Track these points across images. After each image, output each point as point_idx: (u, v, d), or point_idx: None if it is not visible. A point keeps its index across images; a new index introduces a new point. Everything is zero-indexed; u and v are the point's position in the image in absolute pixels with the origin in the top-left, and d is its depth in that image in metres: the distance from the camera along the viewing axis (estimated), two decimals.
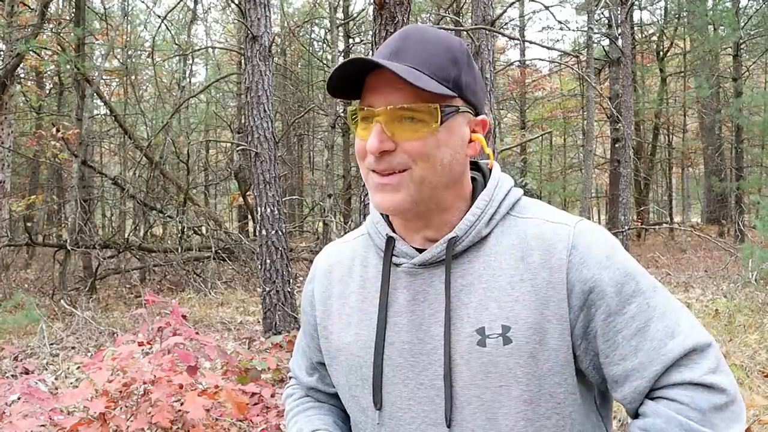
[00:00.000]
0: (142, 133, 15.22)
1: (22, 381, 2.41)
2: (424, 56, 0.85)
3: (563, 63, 14.30)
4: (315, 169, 22.32)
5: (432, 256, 0.90)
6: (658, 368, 0.85)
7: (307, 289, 1.08)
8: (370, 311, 0.95)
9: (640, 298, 0.86)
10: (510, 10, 19.88)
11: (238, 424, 3.23)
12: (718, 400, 0.83)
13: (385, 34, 4.43)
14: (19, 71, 11.52)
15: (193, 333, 2.83)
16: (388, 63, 0.83)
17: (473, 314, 0.87)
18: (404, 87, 0.84)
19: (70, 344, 6.10)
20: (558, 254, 0.86)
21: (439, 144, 0.86)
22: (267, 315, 6.09)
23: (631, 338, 0.86)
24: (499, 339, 0.86)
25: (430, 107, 0.84)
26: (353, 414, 0.99)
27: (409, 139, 0.85)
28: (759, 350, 5.46)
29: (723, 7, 16.82)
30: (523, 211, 0.93)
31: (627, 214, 15.07)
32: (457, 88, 0.87)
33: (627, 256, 0.90)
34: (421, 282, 0.91)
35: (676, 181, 28.10)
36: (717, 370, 0.85)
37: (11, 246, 10.55)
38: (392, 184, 0.86)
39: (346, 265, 1.02)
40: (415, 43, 0.86)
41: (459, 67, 0.87)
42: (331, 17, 11.56)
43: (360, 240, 1.03)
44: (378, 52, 0.88)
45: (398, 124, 0.85)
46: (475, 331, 0.87)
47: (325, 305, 1.02)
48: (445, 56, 0.86)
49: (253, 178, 6.20)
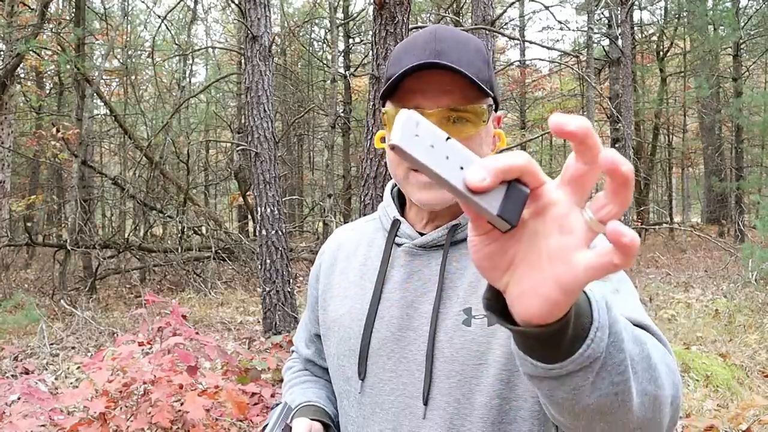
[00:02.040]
0: (142, 133, 15.22)
1: (22, 381, 2.41)
2: (465, 59, 0.88)
3: (563, 63, 14.30)
4: (315, 169, 22.31)
5: (433, 239, 0.95)
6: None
7: (315, 264, 1.14)
8: (367, 286, 1.00)
9: (609, 284, 0.82)
10: (510, 10, 19.89)
11: (238, 424, 3.23)
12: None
13: (385, 34, 4.43)
14: (19, 71, 11.52)
15: (193, 333, 2.83)
16: (453, 65, 0.85)
17: (462, 296, 0.90)
18: (454, 89, 0.88)
19: (70, 344, 6.10)
20: None
21: (481, 143, 0.91)
22: (267, 315, 6.09)
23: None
24: (484, 320, 0.88)
25: (476, 108, 0.89)
26: (338, 384, 1.02)
27: (459, 139, 0.86)
28: (759, 350, 5.46)
29: (723, 7, 16.81)
30: None
31: (627, 214, 15.08)
32: (491, 88, 0.91)
33: None
34: (419, 262, 0.96)
35: (676, 181, 28.10)
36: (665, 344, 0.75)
37: (11, 246, 10.55)
38: None
39: (354, 244, 1.08)
40: (453, 45, 0.89)
41: (489, 67, 0.92)
42: (331, 17, 11.54)
43: (371, 223, 1.09)
44: (412, 52, 0.89)
45: (448, 125, 0.88)
46: (462, 310, 0.90)
47: (327, 279, 1.08)
48: (479, 57, 0.90)
49: (253, 178, 6.20)
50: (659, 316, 7.04)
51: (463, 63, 0.87)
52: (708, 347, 5.55)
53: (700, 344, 5.67)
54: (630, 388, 0.60)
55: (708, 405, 4.14)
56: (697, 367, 4.79)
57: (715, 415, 3.90)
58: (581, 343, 0.56)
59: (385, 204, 1.04)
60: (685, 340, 5.80)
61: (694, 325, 6.51)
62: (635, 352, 0.62)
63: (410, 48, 0.90)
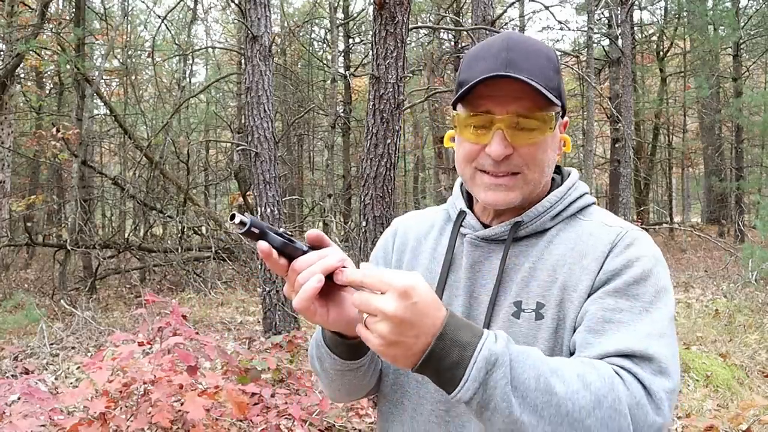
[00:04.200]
0: (142, 133, 15.22)
1: (22, 381, 2.41)
2: (535, 68, 0.93)
3: (563, 63, 14.28)
4: (315, 169, 22.30)
5: (495, 233, 1.00)
6: (611, 349, 0.83)
7: (386, 237, 1.18)
8: (435, 270, 1.06)
9: (638, 302, 0.88)
10: (510, 10, 19.85)
11: (238, 424, 3.23)
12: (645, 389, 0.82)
13: (385, 34, 4.42)
14: (19, 71, 11.52)
15: (193, 333, 2.82)
16: (522, 76, 0.90)
17: (515, 289, 0.97)
18: (523, 96, 0.92)
19: (70, 344, 6.09)
20: (602, 247, 0.94)
21: (547, 148, 0.97)
22: (267, 315, 6.09)
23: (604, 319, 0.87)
24: (532, 314, 0.94)
25: (545, 115, 0.94)
26: None
27: (526, 145, 0.94)
28: (759, 350, 5.46)
29: (723, 7, 16.81)
30: (589, 215, 1.02)
31: (627, 214, 15.06)
32: (560, 96, 0.96)
33: (663, 276, 0.92)
34: (480, 254, 1.02)
35: (676, 181, 28.10)
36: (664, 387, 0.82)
37: (11, 246, 10.56)
38: (507, 185, 0.96)
39: (424, 229, 1.14)
40: (524, 54, 0.94)
41: (559, 75, 0.97)
42: (331, 17, 11.55)
43: (441, 213, 1.15)
44: (484, 61, 0.94)
45: (516, 130, 0.93)
46: (513, 303, 0.96)
47: (399, 255, 1.14)
48: (550, 66, 0.95)
49: (253, 178, 6.20)
50: None
51: (534, 72, 0.92)
52: (708, 347, 5.55)
53: (700, 344, 5.66)
54: (523, 426, 0.75)
55: (708, 405, 4.14)
56: (697, 367, 4.79)
57: (715, 415, 3.90)
58: (453, 389, 0.76)
59: (454, 197, 1.11)
60: (685, 340, 5.80)
61: (694, 325, 6.51)
62: (541, 400, 0.75)
63: (483, 54, 0.95)
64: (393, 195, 4.60)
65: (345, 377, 1.00)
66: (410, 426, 1.03)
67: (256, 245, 0.79)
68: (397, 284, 0.72)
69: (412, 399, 1.03)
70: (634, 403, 0.78)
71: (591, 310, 0.88)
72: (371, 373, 1.04)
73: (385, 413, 1.08)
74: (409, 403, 1.03)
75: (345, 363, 0.96)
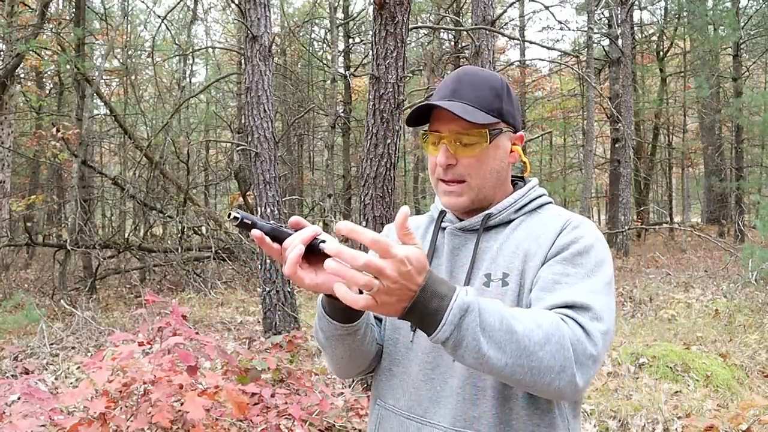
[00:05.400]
0: (142, 133, 15.20)
1: (22, 381, 2.41)
2: (474, 95, 1.18)
3: (563, 63, 14.29)
4: (315, 169, 22.30)
5: (470, 224, 1.22)
6: (558, 302, 1.03)
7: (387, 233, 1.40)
8: None
9: (582, 269, 1.09)
10: (510, 10, 19.87)
11: (238, 424, 3.23)
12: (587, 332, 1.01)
13: (385, 34, 4.42)
14: (19, 71, 11.53)
15: (193, 333, 2.82)
16: (448, 104, 1.15)
17: (486, 265, 1.18)
18: (460, 118, 1.14)
19: (70, 344, 6.10)
20: (555, 229, 1.16)
21: (487, 159, 1.18)
22: (267, 315, 6.09)
23: (553, 281, 1.08)
24: (499, 282, 1.15)
25: (480, 131, 1.16)
26: (388, 331, 1.26)
27: (466, 156, 1.17)
28: (759, 350, 5.45)
29: (723, 7, 16.80)
30: (546, 210, 1.24)
31: (627, 214, 15.07)
32: (500, 116, 1.19)
33: (602, 250, 1.13)
34: (458, 241, 1.24)
35: (676, 181, 28.11)
36: (599, 329, 1.01)
37: (11, 246, 10.56)
38: (456, 191, 1.20)
39: (412, 228, 1.27)
40: (470, 85, 1.19)
41: (501, 99, 1.19)
42: (331, 17, 11.55)
43: (425, 217, 1.37)
44: (440, 91, 1.21)
45: (458, 145, 1.17)
46: (484, 275, 1.17)
47: None
48: (491, 93, 1.19)
49: (253, 178, 6.20)
50: (659, 316, 7.05)
51: (472, 99, 1.17)
52: (708, 347, 5.55)
53: (700, 344, 5.66)
54: (489, 360, 0.92)
55: (708, 405, 4.14)
56: (697, 367, 4.79)
57: (715, 415, 3.90)
58: (433, 329, 0.91)
59: (435, 203, 1.33)
60: (685, 340, 5.80)
61: (694, 325, 6.51)
62: (504, 338, 0.92)
63: (442, 85, 1.21)
64: (393, 195, 4.60)
65: (345, 342, 1.16)
66: (401, 387, 1.20)
67: (251, 234, 0.97)
68: (399, 253, 0.87)
69: (402, 364, 1.21)
70: (576, 339, 0.97)
71: (543, 275, 1.10)
72: (369, 340, 1.20)
73: (377, 383, 1.26)
74: (398, 368, 1.22)
75: (343, 327, 1.12)
